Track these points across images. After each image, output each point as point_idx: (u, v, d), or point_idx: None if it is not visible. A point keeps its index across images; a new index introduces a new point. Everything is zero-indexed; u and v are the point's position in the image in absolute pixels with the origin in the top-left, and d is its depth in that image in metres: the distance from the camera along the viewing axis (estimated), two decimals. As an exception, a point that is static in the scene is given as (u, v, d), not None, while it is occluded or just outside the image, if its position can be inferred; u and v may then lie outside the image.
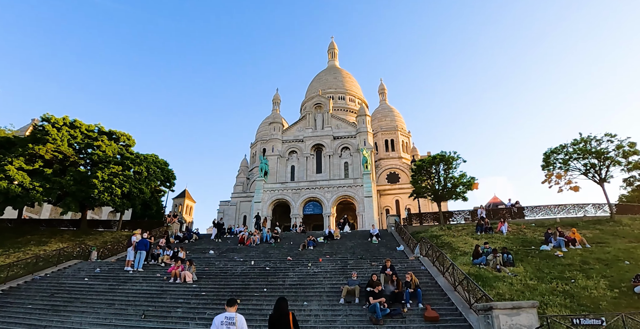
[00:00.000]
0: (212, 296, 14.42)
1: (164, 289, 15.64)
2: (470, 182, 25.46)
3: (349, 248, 22.54)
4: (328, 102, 58.15)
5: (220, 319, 6.05)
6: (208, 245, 25.53)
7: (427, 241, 18.25)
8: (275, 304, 6.88)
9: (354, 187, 49.24)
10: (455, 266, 13.64)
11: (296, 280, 15.69)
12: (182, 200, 72.83)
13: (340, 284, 14.63)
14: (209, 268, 18.58)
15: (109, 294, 15.43)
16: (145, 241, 18.95)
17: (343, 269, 16.98)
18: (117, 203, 26.92)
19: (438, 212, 27.61)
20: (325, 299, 13.42)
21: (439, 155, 26.16)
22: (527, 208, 27.86)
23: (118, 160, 28.58)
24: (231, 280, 16.31)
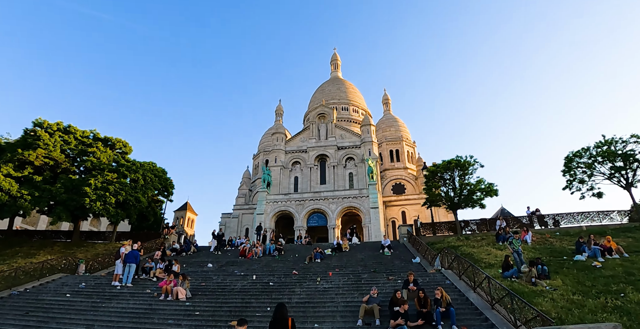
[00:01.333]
0: (208, 316, 12.22)
1: (153, 307, 13.46)
2: (489, 188, 23.31)
3: (359, 261, 20.32)
4: (332, 112, 56.47)
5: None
6: (207, 258, 23.34)
7: (450, 252, 16.06)
8: (275, 309, 6.88)
9: (359, 198, 47.07)
10: (492, 280, 11.46)
11: (304, 297, 13.49)
12: (184, 212, 70.76)
13: (356, 302, 12.45)
14: (206, 283, 16.38)
15: (90, 314, 13.26)
16: (135, 253, 16.81)
17: (357, 284, 14.76)
18: (111, 212, 24.84)
19: (453, 221, 25.42)
20: (339, 320, 11.21)
21: (454, 160, 24.10)
22: (548, 216, 25.64)
23: (113, 168, 26.64)
24: (230, 297, 14.12)
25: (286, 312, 6.84)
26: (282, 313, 6.71)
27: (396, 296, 10.84)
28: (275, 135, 56.21)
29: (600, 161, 23.79)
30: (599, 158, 23.67)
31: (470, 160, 24.07)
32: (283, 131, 57.14)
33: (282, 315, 6.67)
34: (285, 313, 6.76)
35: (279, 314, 6.71)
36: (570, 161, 24.92)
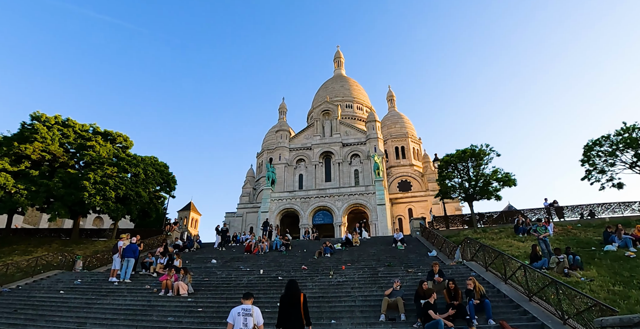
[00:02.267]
0: (211, 312, 10.94)
1: (152, 304, 12.20)
2: (507, 178, 21.89)
3: (371, 255, 18.98)
4: (336, 109, 55.20)
5: (237, 310, 6.08)
6: (210, 254, 22.03)
7: (473, 242, 14.71)
8: (286, 286, 6.83)
9: (365, 195, 45.73)
10: (529, 269, 10.13)
11: (317, 292, 12.18)
12: (188, 212, 69.54)
13: (375, 296, 11.15)
14: (209, 278, 15.11)
15: (83, 311, 12.01)
16: (133, 246, 15.55)
17: (373, 277, 13.45)
18: (110, 207, 23.61)
19: (467, 214, 24.03)
20: (358, 315, 9.90)
21: (469, 150, 22.70)
22: (568, 207, 24.24)
23: (113, 162, 25.43)
24: (236, 293, 12.79)
25: (298, 287, 6.75)
26: (294, 288, 6.62)
27: (422, 288, 9.52)
28: (279, 133, 54.98)
29: (622, 149, 22.42)
30: (621, 146, 22.28)
31: (485, 149, 22.69)
32: (287, 128, 55.92)
33: (294, 291, 6.59)
34: (296, 288, 6.67)
35: (291, 290, 6.62)
36: (589, 149, 23.53)
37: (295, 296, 6.53)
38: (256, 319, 6.10)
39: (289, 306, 6.44)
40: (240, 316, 6.01)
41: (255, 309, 6.20)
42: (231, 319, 6.04)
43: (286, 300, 6.54)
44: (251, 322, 5.98)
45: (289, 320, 6.33)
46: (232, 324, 6.01)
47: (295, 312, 6.36)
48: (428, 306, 8.74)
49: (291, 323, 6.31)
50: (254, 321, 6.04)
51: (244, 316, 6.00)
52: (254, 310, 6.12)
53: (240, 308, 6.13)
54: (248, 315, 6.02)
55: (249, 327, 5.94)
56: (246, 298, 6.31)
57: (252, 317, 6.02)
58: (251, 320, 5.99)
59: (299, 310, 6.39)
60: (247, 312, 6.05)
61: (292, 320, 6.33)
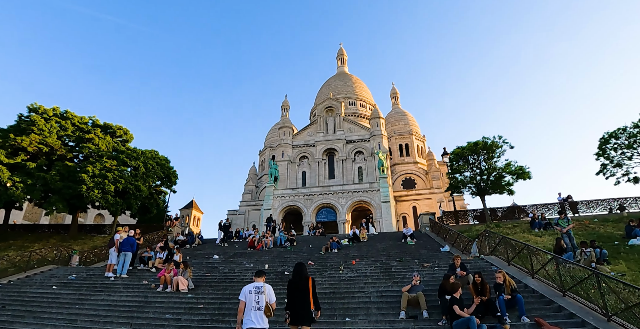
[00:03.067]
0: (213, 309, 9.97)
1: (149, 300, 11.22)
2: (520, 171, 20.84)
3: (381, 251, 17.97)
4: (340, 105, 54.21)
5: (249, 288, 5.90)
6: (212, 250, 21.08)
7: (493, 235, 13.72)
8: (294, 269, 6.58)
9: (369, 192, 44.77)
10: (562, 261, 9.15)
11: (328, 287, 11.19)
12: (190, 210, 68.54)
13: (391, 291, 10.17)
14: (211, 274, 14.15)
15: (75, 307, 11.04)
16: (131, 240, 14.58)
17: (387, 272, 12.46)
18: (109, 201, 22.65)
19: (478, 209, 23.01)
20: (375, 312, 8.92)
21: (481, 142, 21.67)
22: (582, 202, 23.21)
23: (112, 155, 24.48)
24: (239, 288, 11.69)
25: (306, 270, 6.54)
26: (302, 272, 6.43)
27: (448, 281, 8.53)
28: (282, 129, 54.02)
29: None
30: (639, 137, 21.26)
31: (498, 141, 21.65)
32: (290, 125, 54.94)
33: (302, 274, 6.40)
34: (305, 271, 6.47)
35: (299, 273, 6.42)
36: (605, 142, 22.52)
37: (303, 279, 6.31)
38: (268, 296, 5.87)
39: (297, 290, 6.23)
40: (252, 294, 5.81)
41: (267, 286, 5.99)
42: (243, 297, 5.83)
43: (294, 284, 6.33)
44: (263, 300, 5.78)
45: (297, 304, 6.12)
46: (244, 302, 5.79)
47: (304, 296, 6.14)
48: (454, 301, 7.76)
49: (300, 307, 6.08)
50: (266, 299, 5.82)
51: (256, 294, 5.81)
52: (265, 288, 5.92)
53: (252, 286, 5.93)
54: (260, 293, 5.83)
55: (260, 305, 5.75)
56: (258, 275, 6.16)
57: (264, 295, 5.83)
58: (263, 298, 5.79)
59: (307, 294, 6.17)
60: (259, 290, 5.86)
61: (301, 304, 6.09)
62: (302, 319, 6.05)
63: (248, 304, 5.78)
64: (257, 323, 5.67)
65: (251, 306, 5.75)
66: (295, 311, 6.07)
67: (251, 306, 5.75)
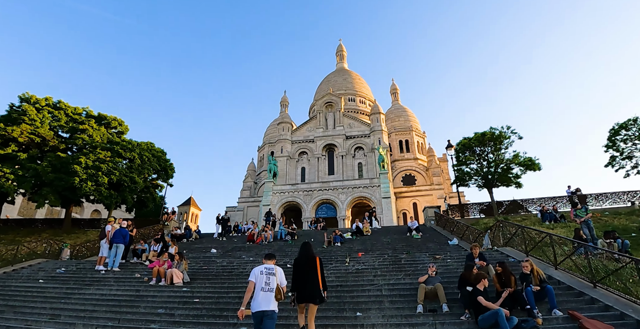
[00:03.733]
0: (210, 304, 9.06)
1: (141, 294, 10.30)
2: (529, 162, 19.98)
3: (386, 244, 17.09)
4: (339, 100, 53.29)
5: (259, 269, 5.60)
6: (210, 244, 20.15)
7: (510, 225, 12.86)
8: (300, 248, 6.44)
9: (370, 188, 43.91)
10: (591, 249, 8.30)
11: (334, 280, 10.29)
12: (188, 207, 67.75)
13: (403, 284, 9.31)
14: (208, 267, 13.25)
15: (61, 302, 10.12)
16: (123, 231, 13.67)
17: (397, 264, 11.60)
18: (103, 194, 21.70)
19: (484, 203, 22.14)
20: (388, 306, 8.03)
21: (488, 132, 20.80)
22: (591, 196, 22.41)
23: (106, 146, 23.50)
24: (238, 282, 10.92)
25: (312, 250, 6.39)
26: (309, 251, 6.28)
27: (471, 272, 7.67)
28: (282, 125, 53.05)
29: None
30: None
31: (506, 132, 20.78)
32: (289, 120, 53.99)
33: (309, 253, 6.22)
34: (311, 251, 6.33)
35: (306, 252, 6.24)
36: (615, 134, 21.73)
37: (311, 259, 6.08)
38: (279, 279, 5.61)
39: (304, 270, 6.00)
40: (264, 274, 5.51)
41: (279, 269, 5.73)
42: (253, 278, 5.50)
43: (301, 263, 6.08)
44: (274, 281, 5.49)
45: (305, 284, 5.87)
46: (253, 283, 5.44)
47: (312, 276, 5.90)
48: (478, 293, 6.88)
49: (308, 287, 5.83)
50: (277, 281, 5.54)
51: (267, 275, 5.51)
52: (277, 270, 5.68)
53: (262, 267, 5.64)
54: (271, 274, 5.55)
55: (271, 286, 5.44)
56: (268, 258, 5.85)
57: (276, 276, 5.56)
58: (274, 279, 5.50)
59: (315, 274, 5.93)
60: (270, 271, 5.58)
61: (309, 284, 5.84)
62: (312, 297, 5.76)
63: (258, 286, 5.40)
64: (265, 306, 5.28)
65: (261, 288, 5.37)
66: (304, 290, 5.78)
67: (261, 287, 5.38)
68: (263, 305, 5.26)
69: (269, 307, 5.28)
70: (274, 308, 5.37)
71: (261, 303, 5.28)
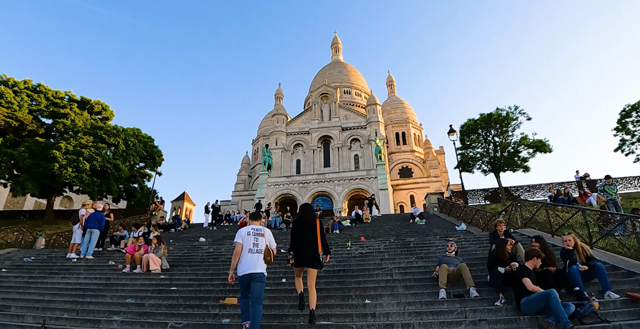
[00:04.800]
0: (189, 292, 7.58)
1: (111, 282, 8.80)
2: (540, 143, 18.61)
3: (388, 231, 15.66)
4: (335, 92, 51.79)
5: (246, 230, 5.07)
6: (199, 233, 18.65)
7: (530, 204, 11.54)
8: (299, 209, 6.02)
9: (367, 179, 42.50)
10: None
11: (335, 265, 8.87)
12: (181, 202, 65.92)
13: (417, 267, 7.92)
14: (193, 253, 11.77)
15: (17, 292, 8.60)
16: (99, 215, 12.10)
17: (405, 247, 10.20)
18: (85, 181, 20.07)
19: (491, 188, 20.77)
20: (403, 292, 6.60)
21: (495, 113, 19.41)
22: (601, 181, 21.10)
23: (89, 130, 21.84)
24: (225, 268, 9.42)
25: (314, 211, 5.79)
26: (309, 211, 5.66)
27: (504, 249, 6.25)
28: (276, 117, 51.45)
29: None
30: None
31: (514, 113, 19.36)
32: (283, 112, 52.37)
33: (310, 213, 5.61)
34: (312, 212, 5.68)
35: (306, 213, 5.62)
36: (626, 115, 20.46)
37: (311, 218, 5.55)
38: (269, 240, 5.13)
39: (302, 230, 5.48)
40: (251, 235, 5.02)
41: (267, 230, 5.27)
42: (240, 239, 5.01)
43: (300, 223, 5.58)
44: (263, 242, 5.02)
45: (303, 245, 5.35)
46: (241, 244, 4.95)
47: (310, 237, 5.39)
48: (524, 272, 5.45)
49: (306, 249, 5.31)
50: (266, 242, 5.06)
51: (255, 236, 5.04)
52: (265, 230, 5.20)
53: (249, 228, 5.15)
54: (259, 235, 5.07)
55: (260, 247, 4.97)
56: (254, 218, 5.43)
57: (264, 237, 5.09)
58: (263, 240, 5.04)
59: (314, 235, 5.42)
60: (258, 232, 5.10)
61: (307, 246, 5.32)
62: (310, 261, 5.20)
63: (245, 247, 4.90)
64: (253, 268, 4.76)
65: (248, 249, 4.88)
66: (302, 252, 5.23)
67: (248, 248, 4.88)
68: (251, 267, 4.72)
69: (256, 269, 4.74)
70: (263, 271, 4.83)
71: (249, 265, 4.73)
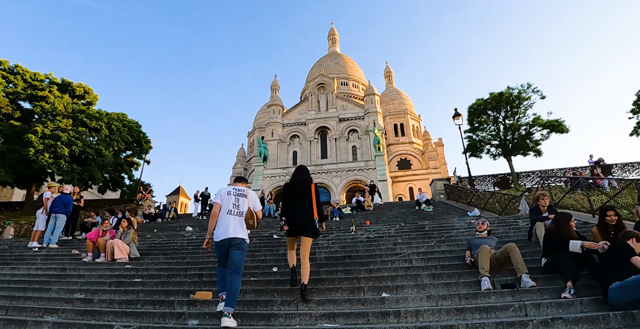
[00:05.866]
0: (154, 285, 5.93)
1: (66, 273, 7.15)
2: (556, 123, 17.01)
3: (393, 217, 14.05)
4: (332, 82, 50.06)
5: (227, 189, 4.29)
6: (187, 223, 16.97)
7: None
8: (294, 171, 5.01)
9: (365, 170, 40.96)
10: None
11: (338, 250, 7.26)
12: (177, 197, 64.26)
13: (440, 252, 6.31)
14: (172, 241, 10.11)
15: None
16: (65, 198, 10.39)
17: (420, 230, 8.63)
18: (63, 168, 18.30)
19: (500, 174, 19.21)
20: (430, 282, 4.95)
21: (506, 92, 17.78)
22: (617, 165, 19.67)
23: (69, 114, 20.04)
24: (207, 255, 7.78)
25: (309, 173, 4.96)
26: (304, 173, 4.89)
27: (569, 226, 4.65)
28: (272, 107, 49.66)
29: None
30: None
31: (526, 92, 17.71)
32: (279, 103, 50.57)
33: (304, 175, 4.84)
34: (307, 174, 4.90)
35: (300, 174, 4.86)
36: (644, 96, 18.90)
37: (305, 181, 4.73)
38: (252, 201, 4.26)
39: (296, 193, 4.67)
40: (232, 195, 4.19)
41: (251, 191, 4.40)
42: (219, 199, 4.17)
43: (293, 185, 4.77)
44: (245, 203, 4.18)
45: (297, 209, 4.57)
46: (219, 205, 4.12)
47: (305, 200, 4.57)
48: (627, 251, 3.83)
49: (301, 212, 4.53)
50: (250, 203, 4.21)
51: (236, 196, 4.20)
52: (249, 191, 4.35)
53: (231, 188, 4.30)
54: (241, 195, 4.23)
55: (241, 210, 4.13)
56: (239, 181, 4.49)
57: (247, 198, 4.24)
58: (245, 201, 4.19)
59: (309, 199, 4.57)
60: (240, 192, 4.26)
61: (302, 209, 4.53)
62: (304, 228, 4.49)
63: (224, 208, 4.12)
64: (233, 232, 3.99)
65: (227, 210, 4.10)
66: (295, 218, 4.51)
67: (228, 209, 4.10)
68: (230, 231, 3.99)
69: (237, 234, 4.02)
70: (244, 237, 4.08)
71: (227, 229, 4.00)
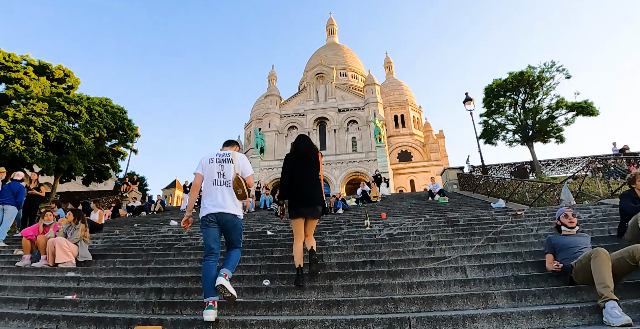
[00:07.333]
0: (91, 305, 3.98)
1: (-15, 284, 5.19)
2: (585, 104, 15.10)
3: (406, 210, 12.18)
4: (331, 71, 47.98)
5: (209, 157, 3.45)
6: (174, 216, 15.03)
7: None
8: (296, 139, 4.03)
9: (366, 162, 39.12)
10: None
11: (353, 253, 5.31)
12: (173, 190, 62.45)
13: (501, 255, 4.37)
14: (142, 238, 8.17)
15: None
16: (15, 187, 8.43)
17: (456, 225, 6.69)
18: (37, 155, 16.26)
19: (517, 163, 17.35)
20: (515, 308, 3.02)
21: (528, 71, 15.83)
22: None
23: (45, 97, 17.95)
24: (178, 260, 5.85)
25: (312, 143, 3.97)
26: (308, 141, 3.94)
27: None
28: (269, 98, 47.57)
29: None
30: None
31: (550, 70, 15.75)
32: (277, 93, 48.48)
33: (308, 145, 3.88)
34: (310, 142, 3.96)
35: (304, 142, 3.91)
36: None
37: (311, 150, 3.81)
38: (240, 166, 3.36)
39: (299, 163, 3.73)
40: (214, 163, 3.36)
41: (239, 155, 3.48)
42: (200, 169, 3.38)
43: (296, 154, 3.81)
44: (231, 170, 3.30)
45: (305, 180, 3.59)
46: (201, 176, 3.36)
47: (311, 174, 3.70)
48: None
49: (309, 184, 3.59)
50: (237, 169, 3.31)
51: (220, 163, 3.35)
52: (236, 155, 3.44)
53: (213, 154, 3.47)
54: (226, 161, 3.37)
55: (228, 178, 3.27)
56: (227, 144, 3.66)
57: (233, 164, 3.35)
58: (231, 168, 3.31)
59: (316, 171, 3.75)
60: (224, 157, 3.41)
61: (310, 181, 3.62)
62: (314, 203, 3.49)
63: (208, 179, 3.29)
64: (222, 206, 3.11)
65: (212, 180, 3.26)
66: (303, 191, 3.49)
67: (213, 179, 3.26)
68: (218, 206, 3.07)
69: (226, 208, 3.08)
70: (237, 212, 3.14)
71: (215, 204, 3.09)
